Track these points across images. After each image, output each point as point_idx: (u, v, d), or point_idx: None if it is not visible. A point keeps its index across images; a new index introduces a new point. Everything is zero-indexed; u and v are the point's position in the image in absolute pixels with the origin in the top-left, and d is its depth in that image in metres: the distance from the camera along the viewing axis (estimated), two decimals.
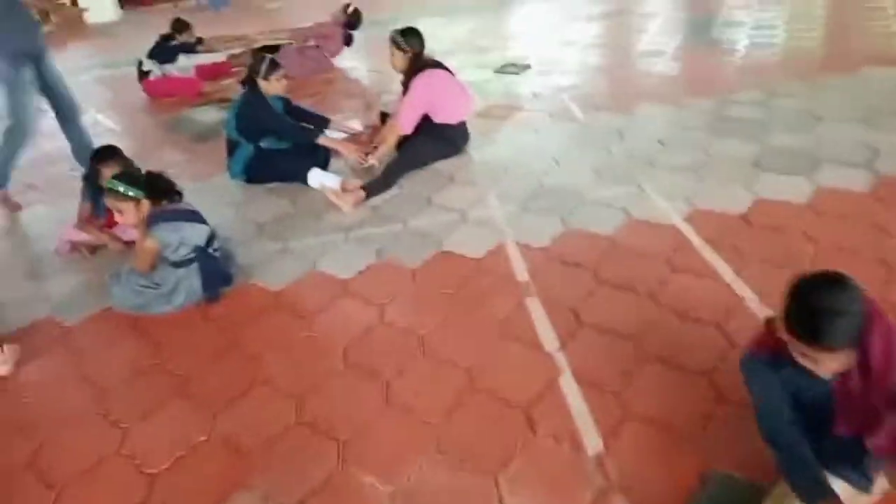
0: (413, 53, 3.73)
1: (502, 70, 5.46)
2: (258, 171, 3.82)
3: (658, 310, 2.43)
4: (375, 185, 3.55)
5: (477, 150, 3.99)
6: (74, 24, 10.52)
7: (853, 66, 4.80)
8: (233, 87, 5.43)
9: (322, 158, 3.87)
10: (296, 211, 3.54)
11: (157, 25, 6.70)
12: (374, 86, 5.64)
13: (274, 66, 3.72)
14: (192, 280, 2.75)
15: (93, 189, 3.20)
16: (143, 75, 5.78)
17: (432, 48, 4.09)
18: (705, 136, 3.87)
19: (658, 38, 6.29)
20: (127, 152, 3.26)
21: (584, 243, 2.92)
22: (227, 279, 2.84)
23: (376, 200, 3.52)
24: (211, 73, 6.17)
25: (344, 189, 3.56)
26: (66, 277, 3.09)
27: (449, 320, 2.51)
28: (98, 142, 4.80)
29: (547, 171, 3.63)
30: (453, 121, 3.81)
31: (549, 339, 2.34)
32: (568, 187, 3.42)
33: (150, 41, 6.00)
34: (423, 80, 3.70)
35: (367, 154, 3.79)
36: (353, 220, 3.36)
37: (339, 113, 4.73)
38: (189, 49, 6.04)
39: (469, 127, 4.08)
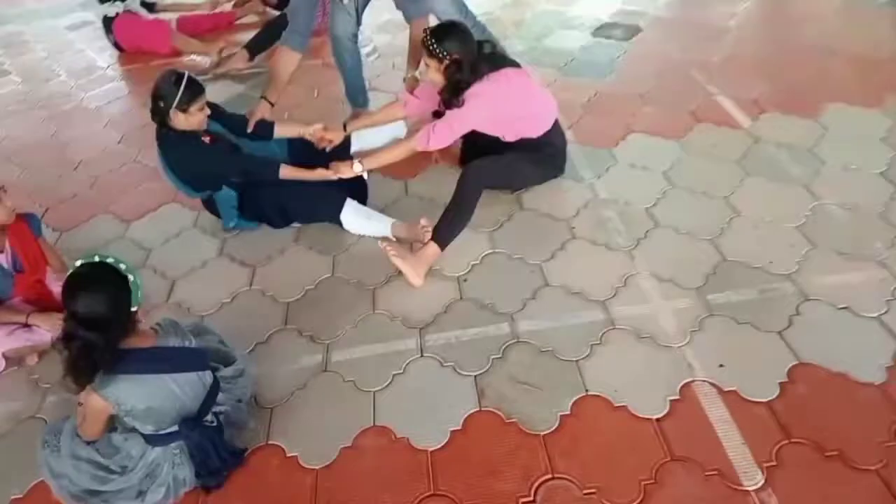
0: (452, 60, 2.33)
1: (603, 33, 4.02)
2: (260, 210, 2.56)
3: None
4: (449, 222, 2.28)
5: (597, 175, 2.70)
6: None
7: None
8: (241, 57, 4.00)
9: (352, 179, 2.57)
10: (335, 279, 2.34)
11: None
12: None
13: (194, 90, 2.27)
14: (176, 467, 1.62)
15: None
16: (108, 22, 4.42)
17: None
18: None
19: None
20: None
21: (836, 401, 1.71)
22: (234, 457, 1.70)
23: (458, 260, 2.31)
24: (200, 25, 4.63)
25: (398, 238, 2.40)
26: None
27: None
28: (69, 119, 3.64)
29: (721, 227, 2.36)
30: (541, 131, 2.51)
31: None
32: (767, 263, 2.17)
33: None
34: (486, 86, 2.36)
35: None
36: (426, 306, 2.16)
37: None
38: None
39: (571, 133, 2.92)
